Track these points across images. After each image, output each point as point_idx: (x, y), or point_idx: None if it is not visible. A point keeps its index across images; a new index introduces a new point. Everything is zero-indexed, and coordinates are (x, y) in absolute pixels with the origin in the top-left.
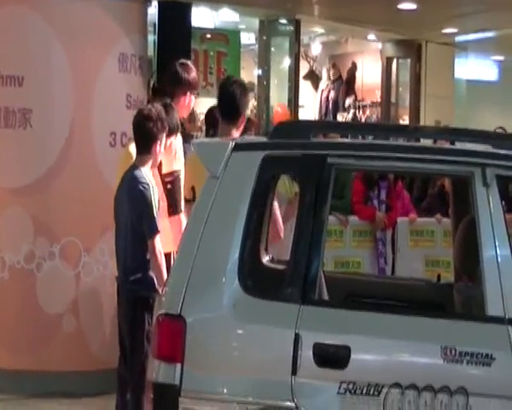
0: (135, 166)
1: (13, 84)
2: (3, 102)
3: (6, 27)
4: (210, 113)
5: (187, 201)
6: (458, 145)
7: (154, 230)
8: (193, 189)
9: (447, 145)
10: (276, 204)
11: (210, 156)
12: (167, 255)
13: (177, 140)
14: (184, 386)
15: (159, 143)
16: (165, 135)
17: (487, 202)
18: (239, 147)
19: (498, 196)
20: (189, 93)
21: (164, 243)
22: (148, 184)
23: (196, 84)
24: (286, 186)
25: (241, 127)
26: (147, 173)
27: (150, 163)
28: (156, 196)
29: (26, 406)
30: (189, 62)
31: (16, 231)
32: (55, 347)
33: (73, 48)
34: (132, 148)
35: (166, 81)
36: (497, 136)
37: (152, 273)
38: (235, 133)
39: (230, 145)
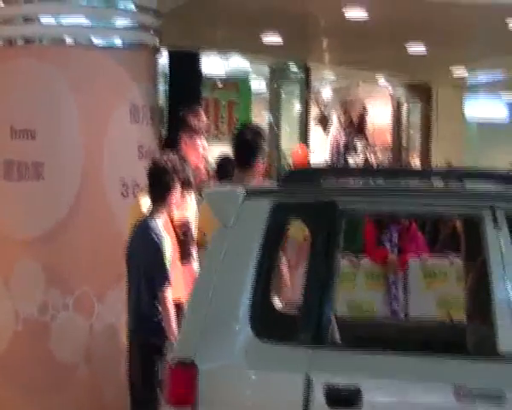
0: (149, 217)
1: (25, 138)
2: (17, 155)
3: (17, 80)
4: (222, 164)
5: (199, 247)
6: (468, 186)
7: (165, 282)
8: (204, 234)
9: (457, 187)
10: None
11: (221, 205)
12: (179, 304)
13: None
14: None
15: (174, 194)
16: (179, 186)
17: (498, 244)
18: (250, 194)
19: (509, 237)
20: (197, 138)
21: (176, 290)
22: (161, 236)
23: (204, 128)
24: (296, 231)
25: (259, 175)
26: (160, 225)
27: (165, 214)
28: (169, 247)
29: None
30: (196, 108)
31: (29, 282)
32: (68, 397)
33: (84, 98)
34: (143, 199)
35: (175, 128)
36: (505, 176)
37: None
38: (251, 180)
39: (241, 193)
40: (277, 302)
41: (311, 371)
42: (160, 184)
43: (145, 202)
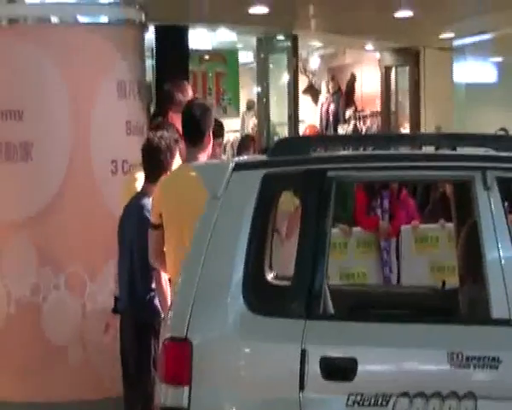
0: (143, 194)
1: (13, 118)
2: (4, 136)
3: (2, 61)
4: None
5: (156, 227)
6: (458, 150)
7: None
8: (160, 216)
9: (446, 151)
10: None
11: (210, 177)
12: None
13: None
14: (193, 408)
15: (168, 172)
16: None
17: (489, 205)
18: (239, 167)
19: (500, 199)
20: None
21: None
22: None
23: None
24: (286, 202)
25: (208, 150)
26: None
27: None
28: None
29: None
30: (183, 81)
31: (21, 263)
32: (62, 377)
33: (71, 76)
34: (136, 175)
35: (161, 102)
36: (495, 138)
37: (157, 300)
38: (202, 157)
39: (231, 165)
40: (270, 274)
41: (306, 343)
42: (154, 162)
43: (138, 179)
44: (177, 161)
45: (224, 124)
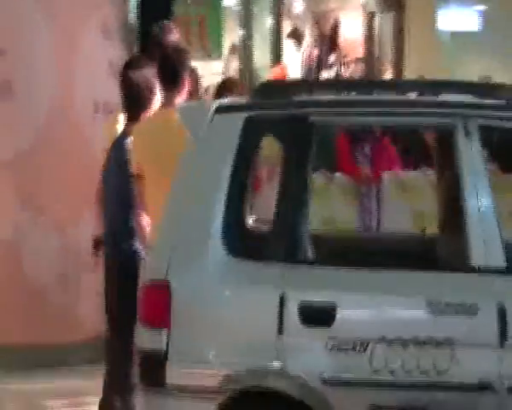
0: (124, 135)
1: None
2: None
3: None
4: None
5: (135, 176)
6: (441, 97)
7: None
8: (139, 164)
9: (429, 97)
10: None
11: (192, 119)
12: None
13: None
14: (171, 351)
15: (149, 111)
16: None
17: (470, 153)
18: (221, 109)
19: (481, 147)
20: None
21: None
22: None
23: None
24: (267, 146)
25: (184, 93)
26: None
27: None
28: None
29: (17, 379)
30: (169, 24)
31: (2, 205)
32: (43, 318)
33: (54, 16)
34: (117, 115)
35: (150, 45)
36: (477, 86)
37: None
38: (178, 99)
39: (212, 107)
40: (250, 218)
41: (285, 287)
42: (134, 102)
43: (120, 121)
44: (157, 99)
45: (208, 67)
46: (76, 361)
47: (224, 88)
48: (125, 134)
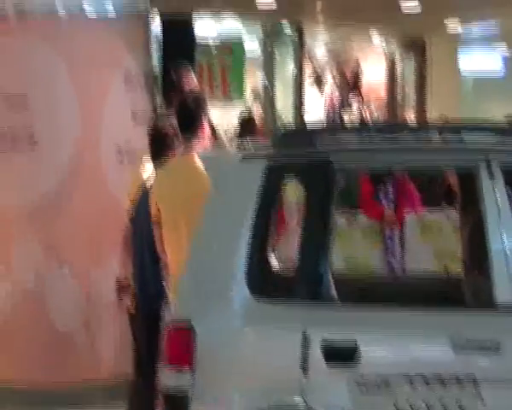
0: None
1: (19, 108)
2: (10, 125)
3: (12, 55)
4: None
5: (155, 223)
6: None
7: None
8: (159, 210)
9: (452, 140)
10: None
11: (215, 166)
12: None
13: None
14: (195, 394)
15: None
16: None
17: (493, 194)
18: (244, 157)
19: (504, 188)
20: None
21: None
22: None
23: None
24: (296, 194)
25: (203, 139)
26: None
27: None
28: None
29: None
30: (184, 68)
31: (26, 252)
32: (68, 363)
33: (79, 70)
34: (144, 163)
35: (167, 91)
36: (501, 127)
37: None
38: (198, 146)
39: (236, 155)
40: (275, 262)
41: (309, 327)
42: (161, 148)
43: (147, 169)
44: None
45: (230, 115)
46: (96, 402)
47: (246, 127)
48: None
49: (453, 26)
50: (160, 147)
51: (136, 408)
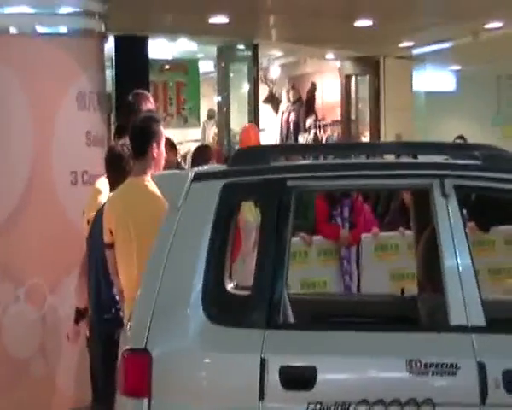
0: None
1: None
2: None
3: None
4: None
5: (109, 246)
6: (418, 158)
7: None
8: (112, 234)
9: (405, 159)
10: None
11: (169, 188)
12: None
13: None
14: None
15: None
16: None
17: (447, 213)
18: (198, 177)
19: (458, 206)
20: None
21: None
22: None
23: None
24: (253, 213)
25: (159, 163)
26: None
27: None
28: None
29: None
30: (143, 92)
31: None
32: (23, 391)
33: (31, 87)
34: (100, 184)
35: (123, 114)
36: (453, 146)
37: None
38: (150, 171)
39: (190, 175)
40: (230, 285)
41: (266, 352)
42: (118, 170)
43: (103, 191)
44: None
45: (185, 134)
46: None
47: (200, 155)
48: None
49: (406, 43)
50: (116, 169)
51: None
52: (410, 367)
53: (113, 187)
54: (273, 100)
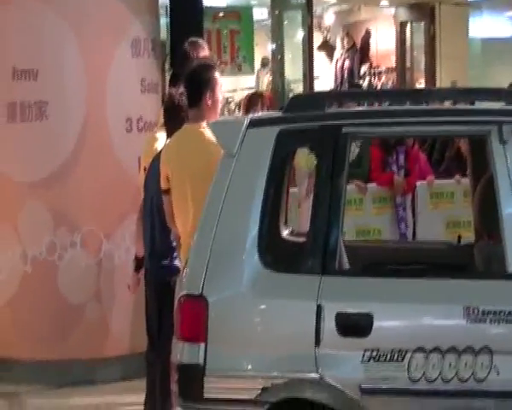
0: None
1: (28, 78)
2: (19, 96)
3: (18, 22)
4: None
5: (165, 191)
6: (475, 105)
7: None
8: (168, 180)
9: (462, 106)
10: None
11: (225, 135)
12: None
13: None
14: (209, 365)
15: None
16: None
17: (505, 159)
18: (254, 123)
19: None
20: None
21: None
22: None
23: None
24: (306, 161)
25: (214, 108)
26: None
27: None
28: None
29: (54, 396)
30: (198, 40)
31: (36, 223)
32: (79, 335)
33: (86, 37)
34: (158, 134)
35: (178, 63)
36: (511, 92)
37: (178, 260)
38: (207, 114)
39: (245, 122)
40: (285, 231)
41: (322, 298)
42: (177, 120)
43: (159, 138)
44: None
45: (239, 81)
46: (112, 377)
47: (252, 102)
48: None
49: None
50: (174, 119)
51: (150, 380)
52: (467, 315)
53: (170, 135)
54: (327, 47)
